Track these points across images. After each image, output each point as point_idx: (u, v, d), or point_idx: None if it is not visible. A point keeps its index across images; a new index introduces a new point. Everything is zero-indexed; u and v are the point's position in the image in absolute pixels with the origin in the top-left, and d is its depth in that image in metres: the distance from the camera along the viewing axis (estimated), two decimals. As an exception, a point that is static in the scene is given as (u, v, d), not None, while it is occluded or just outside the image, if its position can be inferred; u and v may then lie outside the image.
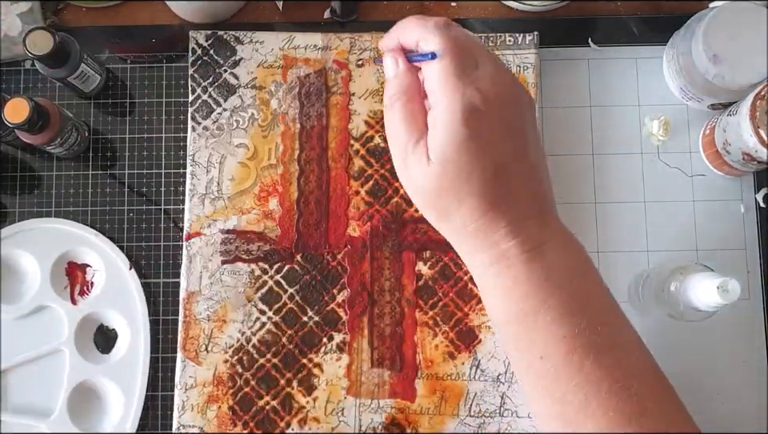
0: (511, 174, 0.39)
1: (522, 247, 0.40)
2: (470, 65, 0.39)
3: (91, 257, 0.60)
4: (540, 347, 0.40)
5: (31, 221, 0.60)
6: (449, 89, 0.38)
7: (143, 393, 0.58)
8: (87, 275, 0.61)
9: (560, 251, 0.41)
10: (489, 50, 0.42)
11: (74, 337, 0.59)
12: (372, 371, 0.57)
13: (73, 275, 0.61)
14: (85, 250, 0.60)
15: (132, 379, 0.58)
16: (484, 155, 0.38)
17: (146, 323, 0.59)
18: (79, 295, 0.60)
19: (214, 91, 0.60)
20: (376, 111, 0.59)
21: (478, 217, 0.39)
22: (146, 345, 0.59)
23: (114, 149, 0.62)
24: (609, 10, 0.64)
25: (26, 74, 0.63)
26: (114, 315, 0.60)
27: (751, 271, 0.60)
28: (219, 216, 0.58)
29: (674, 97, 0.62)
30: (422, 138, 0.39)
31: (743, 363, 0.59)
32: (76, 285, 0.60)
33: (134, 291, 0.59)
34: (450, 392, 0.56)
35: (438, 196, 0.40)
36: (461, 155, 0.38)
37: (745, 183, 0.61)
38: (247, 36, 0.60)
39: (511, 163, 0.39)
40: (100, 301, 0.60)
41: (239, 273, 0.58)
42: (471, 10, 0.64)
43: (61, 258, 0.60)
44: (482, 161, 0.38)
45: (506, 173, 0.39)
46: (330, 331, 0.57)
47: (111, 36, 0.64)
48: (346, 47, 0.60)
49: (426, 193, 0.40)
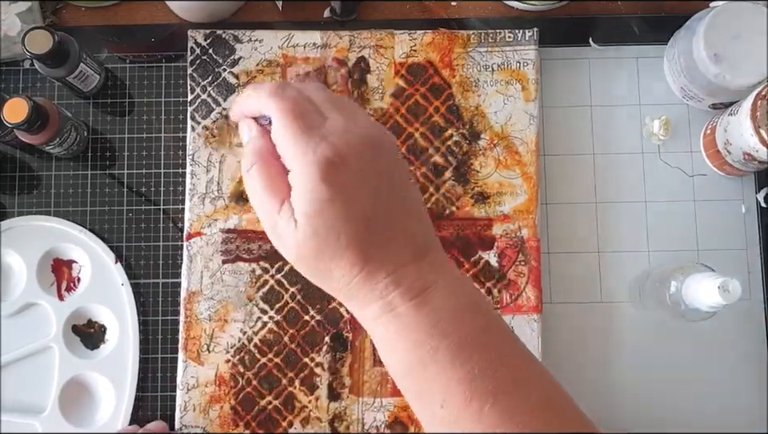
0: (383, 223, 0.38)
1: (407, 295, 0.38)
2: (314, 121, 0.38)
3: (77, 253, 0.61)
4: (439, 395, 0.38)
5: (16, 219, 0.61)
6: (298, 150, 0.37)
7: (134, 386, 0.58)
8: (73, 271, 0.61)
9: (447, 293, 0.39)
10: (342, 98, 0.41)
11: (62, 333, 0.59)
12: (374, 370, 0.57)
13: (59, 272, 0.61)
14: (70, 246, 0.60)
15: (122, 372, 0.58)
16: (350, 209, 0.37)
17: (134, 315, 0.59)
18: (66, 292, 0.60)
19: (213, 90, 0.60)
20: (376, 109, 0.59)
21: (356, 272, 0.38)
22: (135, 337, 0.59)
23: (113, 149, 0.62)
24: (610, 10, 0.64)
25: (25, 74, 0.63)
26: (101, 310, 0.60)
27: (752, 271, 0.60)
28: (219, 216, 0.58)
29: (675, 96, 0.62)
30: (285, 201, 0.38)
31: (743, 364, 0.59)
32: (62, 281, 0.60)
33: (121, 285, 0.59)
34: None
35: (314, 258, 0.38)
36: (326, 214, 0.37)
37: (745, 183, 0.61)
38: (246, 35, 0.60)
39: (381, 211, 0.38)
40: (87, 296, 0.60)
41: (240, 272, 0.58)
42: (471, 10, 0.64)
43: (46, 255, 0.60)
44: (350, 214, 0.37)
45: (377, 222, 0.38)
46: (332, 329, 0.57)
47: (110, 36, 0.64)
48: (345, 45, 0.60)
49: (302, 257, 0.38)
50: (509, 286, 0.57)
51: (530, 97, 0.59)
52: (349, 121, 0.39)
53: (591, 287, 0.60)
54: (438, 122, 0.59)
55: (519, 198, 0.58)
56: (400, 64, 0.60)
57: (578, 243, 0.60)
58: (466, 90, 0.59)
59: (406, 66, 0.60)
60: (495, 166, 0.58)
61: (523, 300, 0.57)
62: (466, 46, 0.59)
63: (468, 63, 0.59)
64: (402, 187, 0.40)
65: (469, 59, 0.59)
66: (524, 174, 0.58)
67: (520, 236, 0.57)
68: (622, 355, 0.59)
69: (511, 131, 0.59)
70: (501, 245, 0.58)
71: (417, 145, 0.59)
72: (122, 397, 0.58)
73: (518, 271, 0.57)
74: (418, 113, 0.59)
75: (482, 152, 0.59)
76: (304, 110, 0.38)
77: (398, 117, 0.59)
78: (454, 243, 0.58)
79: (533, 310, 0.57)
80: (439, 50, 0.59)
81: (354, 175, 0.37)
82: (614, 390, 0.59)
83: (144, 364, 0.59)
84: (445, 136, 0.59)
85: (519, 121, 0.59)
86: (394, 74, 0.60)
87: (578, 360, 0.59)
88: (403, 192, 0.40)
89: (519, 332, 0.56)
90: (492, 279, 0.57)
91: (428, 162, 0.59)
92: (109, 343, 0.60)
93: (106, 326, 0.60)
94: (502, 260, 0.57)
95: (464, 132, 0.59)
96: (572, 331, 0.59)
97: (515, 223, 0.58)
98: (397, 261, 0.38)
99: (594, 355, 0.59)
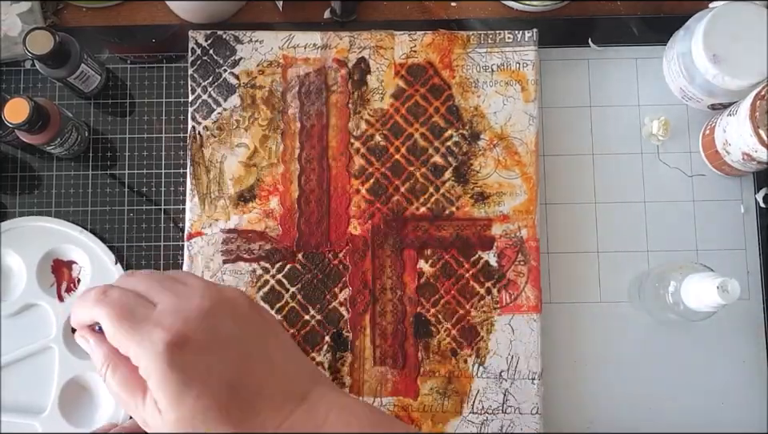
0: (250, 383, 0.37)
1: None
2: (140, 313, 0.38)
3: (77, 254, 0.61)
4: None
5: (17, 219, 0.61)
6: (134, 345, 0.36)
7: None
8: (73, 271, 0.61)
9: (342, 424, 0.38)
10: (171, 275, 0.40)
11: (62, 334, 0.59)
12: (374, 369, 0.57)
13: (59, 273, 0.61)
14: (70, 247, 0.60)
15: None
16: (209, 383, 0.36)
17: None
18: (66, 292, 0.60)
19: (214, 91, 0.60)
20: (376, 109, 0.59)
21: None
22: None
23: (113, 149, 0.62)
24: (609, 10, 0.64)
25: (26, 74, 0.63)
26: None
27: (751, 272, 0.60)
28: (220, 216, 0.58)
29: (674, 97, 0.62)
30: (145, 393, 0.37)
31: (743, 363, 0.59)
32: (62, 282, 0.60)
33: None
34: (452, 390, 0.56)
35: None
36: (185, 396, 0.36)
37: (745, 183, 0.61)
38: (246, 35, 0.60)
39: (245, 373, 0.37)
40: None
41: (241, 272, 0.58)
42: (471, 10, 0.64)
43: (46, 255, 0.60)
44: (210, 389, 0.36)
45: (245, 385, 0.37)
46: (332, 329, 0.57)
47: (111, 36, 0.64)
48: (346, 46, 0.60)
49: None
50: (508, 286, 0.57)
51: (529, 97, 0.59)
52: (180, 298, 0.38)
53: (590, 287, 0.60)
54: (438, 123, 0.59)
55: (519, 198, 0.58)
56: (400, 65, 0.60)
57: (577, 243, 0.61)
58: (465, 91, 0.59)
59: (405, 67, 0.60)
60: (495, 166, 0.59)
61: (522, 300, 0.57)
62: (466, 46, 0.60)
63: (468, 64, 0.60)
64: (262, 338, 0.39)
65: (468, 60, 0.60)
66: (523, 174, 0.58)
67: (519, 236, 0.58)
68: (621, 355, 0.59)
69: (511, 132, 0.59)
70: (500, 245, 0.58)
71: (417, 145, 0.59)
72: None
73: (518, 271, 0.57)
74: (418, 113, 0.59)
75: (482, 152, 0.59)
76: (128, 308, 0.38)
77: (398, 117, 0.59)
78: (453, 243, 0.58)
79: (532, 309, 0.57)
80: (439, 50, 0.60)
81: (202, 348, 0.36)
82: (613, 390, 0.59)
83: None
84: (445, 136, 0.59)
85: (519, 121, 0.59)
86: (394, 74, 0.60)
87: (576, 360, 0.59)
88: (265, 342, 0.39)
89: (519, 332, 0.56)
90: (491, 278, 0.57)
91: (428, 162, 0.59)
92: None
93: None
94: (501, 260, 0.58)
95: (464, 132, 0.59)
96: (571, 331, 0.59)
97: (515, 223, 0.58)
98: (280, 414, 0.37)
99: (593, 355, 0.59)
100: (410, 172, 0.59)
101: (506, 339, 0.57)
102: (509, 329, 0.57)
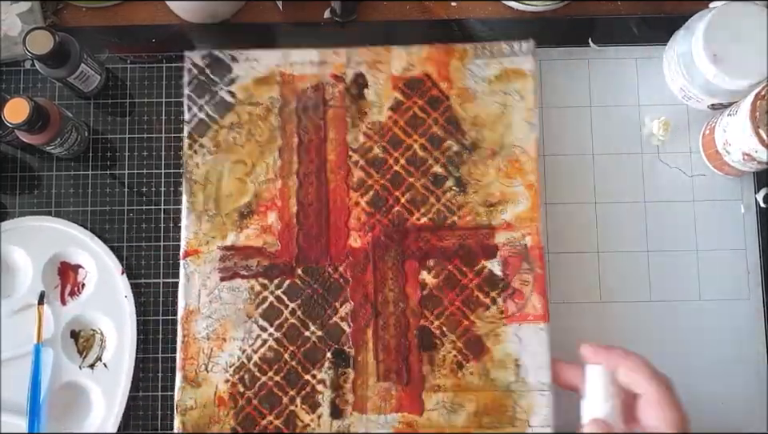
0: None
1: None
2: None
3: (84, 258, 0.60)
4: None
5: (28, 218, 0.61)
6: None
7: (126, 395, 0.58)
8: (79, 276, 0.61)
9: None
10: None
11: (60, 337, 0.59)
12: (378, 385, 0.56)
13: (65, 275, 0.61)
14: (78, 251, 0.60)
15: (116, 382, 0.59)
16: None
17: (133, 327, 0.59)
18: (69, 296, 0.60)
19: (211, 109, 0.59)
20: (374, 122, 0.59)
21: None
22: (132, 350, 0.59)
23: (113, 149, 0.62)
24: (609, 10, 0.64)
25: (26, 74, 0.63)
26: (102, 318, 0.60)
27: (751, 272, 0.60)
28: (217, 233, 0.58)
29: (674, 97, 0.62)
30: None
31: (743, 363, 0.59)
32: (67, 285, 0.60)
33: (124, 297, 0.59)
34: (458, 404, 0.55)
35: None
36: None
37: (745, 183, 0.61)
38: (243, 54, 0.60)
39: None
40: (89, 303, 0.60)
41: (238, 290, 0.57)
42: (471, 10, 0.64)
43: (54, 257, 0.60)
44: None
45: None
46: (333, 345, 0.56)
47: (111, 36, 0.64)
48: (343, 61, 0.60)
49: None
50: (514, 295, 0.56)
51: (528, 106, 0.59)
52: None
53: (590, 287, 0.60)
54: (437, 133, 0.59)
55: (521, 205, 0.57)
56: (397, 78, 0.59)
57: (577, 243, 0.61)
58: (464, 101, 0.59)
59: (403, 80, 0.59)
60: (496, 175, 0.58)
61: (529, 309, 0.56)
62: (463, 59, 0.59)
63: (465, 75, 0.59)
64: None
65: (466, 71, 0.59)
66: (525, 182, 0.58)
67: (523, 244, 0.57)
68: (622, 355, 0.59)
69: (511, 141, 0.58)
70: (504, 253, 0.57)
71: (416, 156, 0.58)
72: (112, 405, 0.58)
73: (523, 280, 0.56)
74: (417, 125, 0.59)
75: (483, 161, 0.58)
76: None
77: (396, 129, 0.59)
78: (456, 253, 0.57)
79: (539, 318, 0.56)
80: (436, 64, 0.59)
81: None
82: (614, 390, 0.59)
83: (142, 364, 0.60)
84: (444, 146, 0.58)
85: (518, 130, 0.58)
86: (392, 87, 0.59)
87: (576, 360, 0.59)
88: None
89: (527, 342, 0.55)
90: (496, 288, 0.56)
91: (428, 172, 0.58)
92: (106, 352, 0.60)
93: (104, 334, 0.60)
94: (505, 269, 0.56)
95: (464, 142, 0.58)
96: (571, 331, 0.59)
97: (518, 232, 0.57)
98: None
99: (594, 355, 0.59)
100: (409, 183, 0.58)
101: (513, 349, 0.55)
102: (516, 339, 0.55)
